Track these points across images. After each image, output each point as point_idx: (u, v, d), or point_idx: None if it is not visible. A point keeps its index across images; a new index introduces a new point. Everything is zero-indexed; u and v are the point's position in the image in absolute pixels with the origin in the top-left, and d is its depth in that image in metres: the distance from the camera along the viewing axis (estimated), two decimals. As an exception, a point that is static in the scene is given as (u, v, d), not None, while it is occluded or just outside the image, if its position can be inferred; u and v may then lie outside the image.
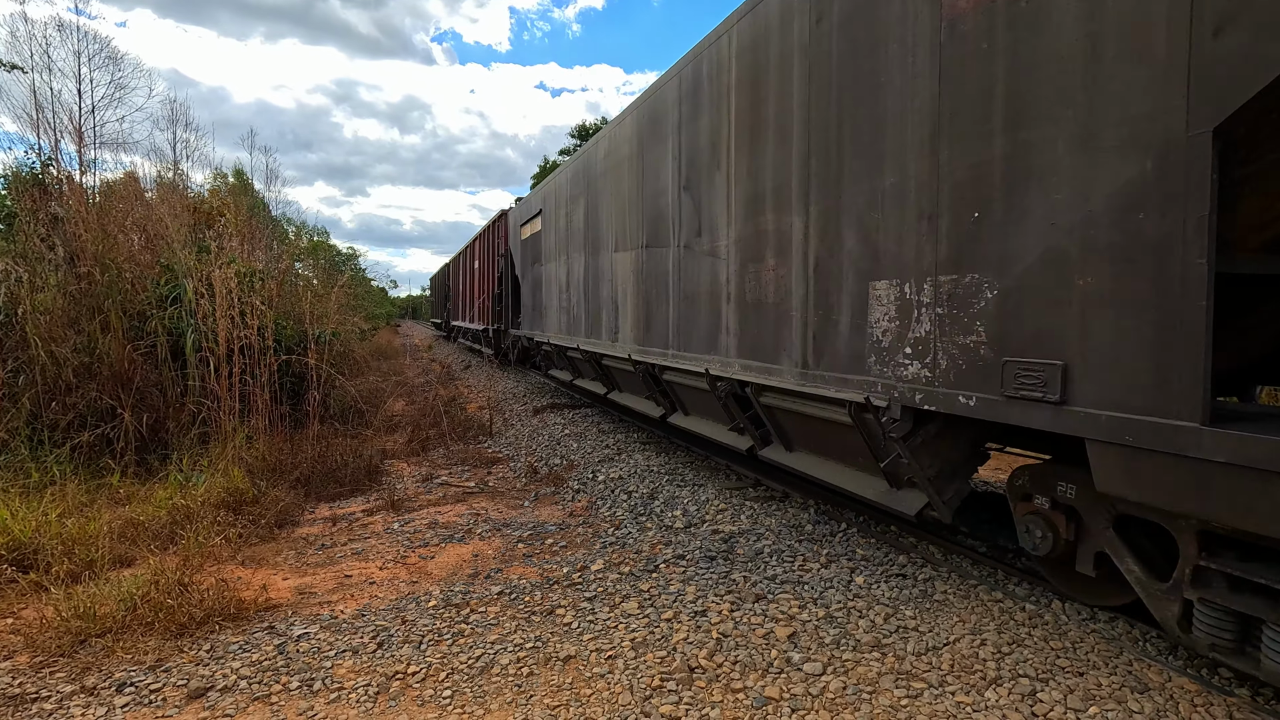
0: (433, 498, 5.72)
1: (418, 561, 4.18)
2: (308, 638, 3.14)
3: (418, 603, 3.51)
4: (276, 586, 3.81)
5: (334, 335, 8.51)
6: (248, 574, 3.98)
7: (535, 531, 4.69)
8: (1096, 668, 2.70)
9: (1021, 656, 2.80)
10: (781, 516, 4.70)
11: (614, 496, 5.46)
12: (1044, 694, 2.54)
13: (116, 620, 3.19)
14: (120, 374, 6.32)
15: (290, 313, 8.35)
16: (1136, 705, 2.45)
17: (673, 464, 6.38)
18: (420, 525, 4.89)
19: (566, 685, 2.70)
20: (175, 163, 19.42)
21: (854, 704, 2.52)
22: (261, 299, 7.18)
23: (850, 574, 3.69)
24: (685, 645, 2.97)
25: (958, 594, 3.41)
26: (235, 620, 3.32)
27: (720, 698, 2.59)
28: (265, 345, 6.95)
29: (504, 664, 2.87)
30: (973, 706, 2.49)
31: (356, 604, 3.55)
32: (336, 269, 21.25)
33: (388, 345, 21.65)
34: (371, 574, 3.99)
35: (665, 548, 4.22)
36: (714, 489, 5.41)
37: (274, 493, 5.32)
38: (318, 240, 27.98)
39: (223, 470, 5.43)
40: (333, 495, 5.83)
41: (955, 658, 2.82)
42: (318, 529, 4.92)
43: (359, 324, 12.35)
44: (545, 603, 3.46)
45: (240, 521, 4.70)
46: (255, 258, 9.49)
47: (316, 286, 10.51)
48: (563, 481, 6.09)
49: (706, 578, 3.70)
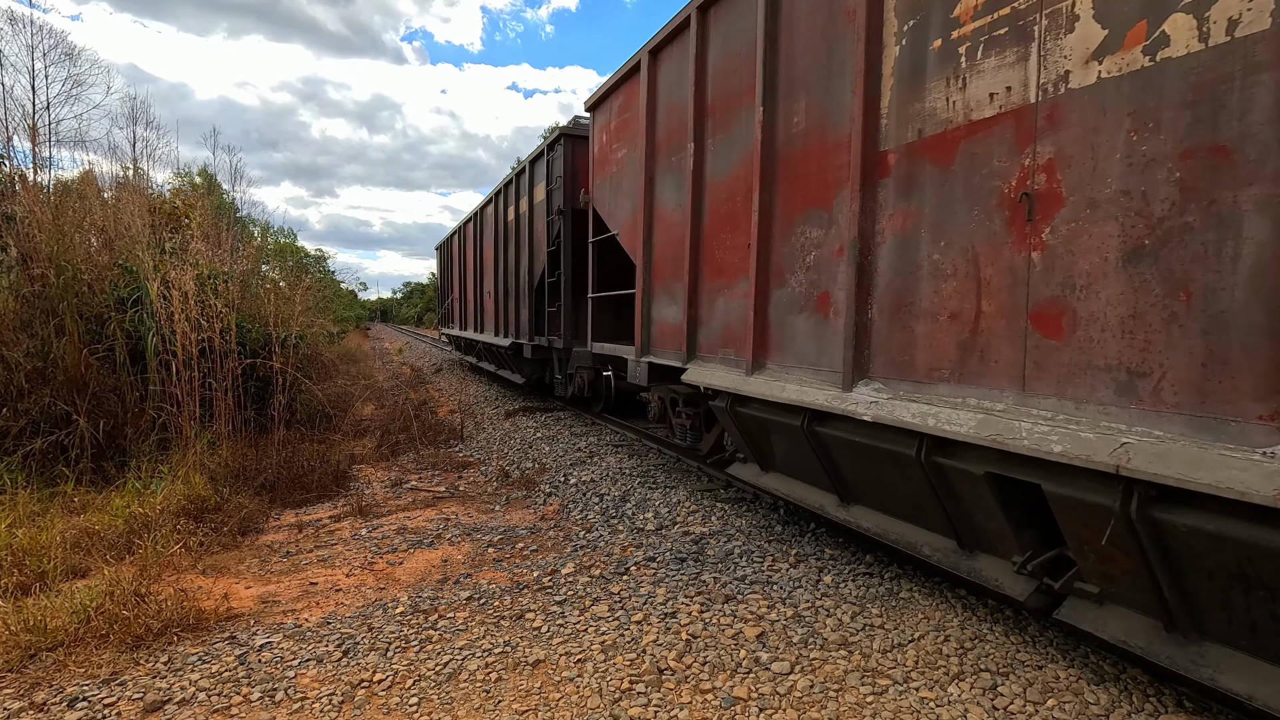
0: (402, 503, 5.65)
1: (385, 568, 4.12)
2: (270, 647, 3.07)
3: (385, 609, 3.46)
4: (238, 595, 3.72)
5: (300, 338, 8.36)
6: (208, 583, 3.88)
7: (506, 536, 4.66)
8: (1055, 660, 2.77)
9: (983, 652, 2.86)
10: (752, 517, 4.74)
11: (586, 499, 5.44)
12: (1004, 688, 2.60)
13: (69, 633, 3.09)
14: (76, 379, 6.12)
15: (255, 315, 8.18)
16: (1092, 696, 2.52)
17: (645, 466, 6.38)
18: (389, 531, 4.82)
19: (535, 690, 2.69)
20: (135, 161, 18.89)
21: (820, 702, 2.55)
22: (225, 301, 7.02)
23: (819, 573, 3.73)
24: (655, 647, 2.97)
25: (923, 591, 3.47)
26: (195, 631, 3.24)
27: (689, 699, 2.60)
28: (229, 348, 6.80)
29: (472, 670, 2.84)
30: (936, 702, 2.53)
31: (322, 612, 3.49)
32: (304, 271, 18.91)
33: (357, 348, 21.32)
34: (338, 581, 3.92)
35: (636, 550, 4.22)
36: (686, 491, 5.43)
37: (237, 499, 5.20)
38: (285, 242, 27.44)
39: (183, 477, 5.29)
40: (299, 501, 5.72)
41: (920, 654, 2.86)
42: (283, 536, 4.82)
43: (327, 327, 12.13)
44: (515, 607, 3.43)
45: (201, 529, 4.58)
46: (220, 259, 9.29)
47: (283, 289, 10.30)
48: (534, 485, 6.05)
49: (677, 579, 3.71)
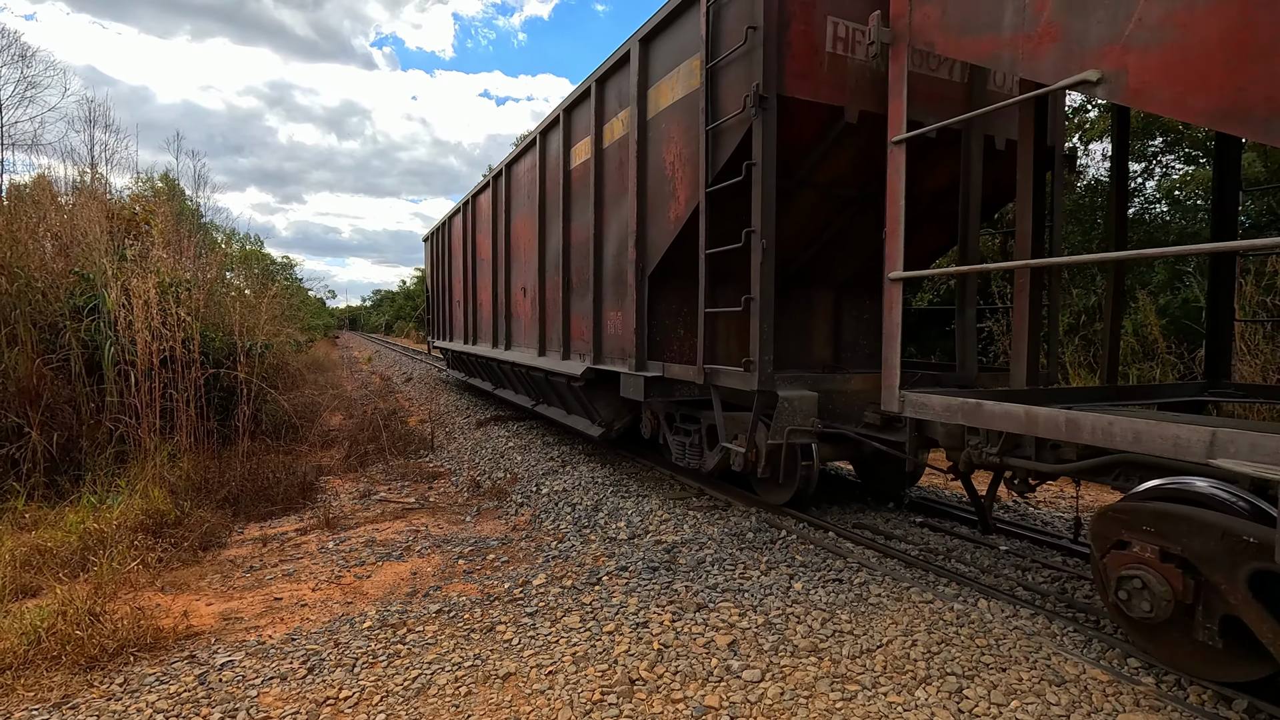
0: (370, 515, 5.56)
1: (353, 581, 4.05)
2: (232, 665, 2.99)
3: (352, 624, 3.40)
4: (199, 612, 3.62)
5: (266, 347, 8.19)
6: (167, 600, 3.77)
7: (477, 547, 4.61)
8: (1018, 663, 2.83)
9: (949, 655, 2.91)
10: (724, 525, 4.76)
11: (558, 509, 5.41)
12: (970, 690, 2.64)
13: (18, 655, 2.98)
14: (28, 390, 5.92)
15: (219, 324, 7.99)
16: (1054, 697, 2.57)
17: (618, 475, 6.37)
18: (357, 543, 4.74)
19: (506, 703, 2.66)
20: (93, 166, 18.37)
21: (791, 709, 2.57)
22: (187, 309, 6.86)
23: (789, 580, 3.76)
24: (626, 657, 2.96)
25: (891, 596, 3.51)
26: (152, 650, 3.14)
27: (661, 709, 2.59)
28: (191, 358, 6.64)
29: (441, 684, 2.80)
30: (904, 706, 2.57)
31: (286, 628, 3.41)
32: (270, 278, 17.95)
33: (325, 357, 20.96)
34: (303, 596, 3.84)
35: (609, 559, 4.21)
36: (658, 499, 5.44)
37: (199, 513, 5.06)
38: (251, 249, 26.86)
39: (142, 491, 5.14)
40: (263, 514, 5.59)
41: (888, 659, 2.90)
42: (246, 550, 4.70)
43: (294, 335, 11.90)
44: (485, 619, 3.40)
45: (161, 545, 4.46)
46: (182, 266, 9.06)
47: (249, 297, 10.08)
48: (506, 495, 6.01)
49: (649, 588, 3.70)
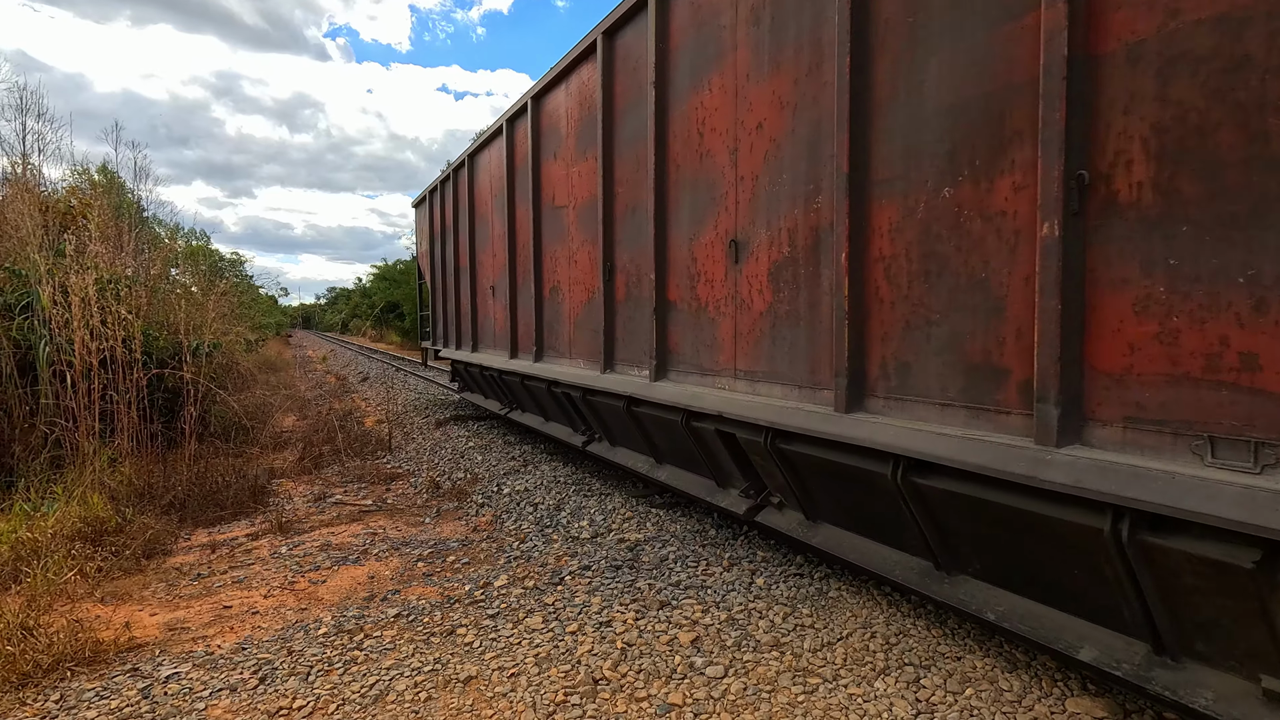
0: (326, 518, 5.41)
1: (307, 587, 3.93)
2: (178, 678, 2.87)
3: (306, 631, 3.30)
4: (142, 623, 3.47)
5: (214, 347, 7.90)
6: (108, 611, 3.60)
7: (436, 549, 4.53)
8: (973, 651, 2.90)
9: (907, 646, 2.97)
10: (687, 522, 4.77)
11: (520, 509, 5.36)
12: (926, 680, 2.70)
13: (-57, 673, 2.81)
14: (-47, 392, 5.59)
15: (163, 323, 7.67)
16: (1006, 684, 2.65)
17: (580, 474, 6.34)
18: (311, 548, 4.60)
19: (467, 707, 2.62)
20: (25, 156, 17.47)
21: (754, 704, 2.59)
22: (129, 307, 6.56)
23: (751, 576, 3.79)
24: (590, 657, 2.94)
25: (850, 590, 3.57)
26: (92, 664, 2.99)
27: (625, 708, 2.58)
28: (133, 358, 6.36)
29: (400, 690, 2.74)
30: (863, 697, 2.61)
31: (236, 636, 3.29)
32: (218, 275, 17.15)
33: (277, 357, 20.37)
34: (255, 603, 3.71)
35: (571, 559, 4.18)
36: (621, 497, 5.43)
37: (142, 520, 4.85)
38: (197, 245, 25.90)
39: (80, 497, 4.90)
40: (212, 520, 5.39)
41: (848, 651, 2.95)
42: (194, 557, 4.53)
43: (244, 334, 11.51)
44: (445, 623, 3.33)
45: (100, 554, 4.25)
46: (123, 262, 8.68)
47: (195, 294, 9.70)
48: (466, 496, 5.92)
49: (612, 587, 3.69)
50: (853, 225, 2.85)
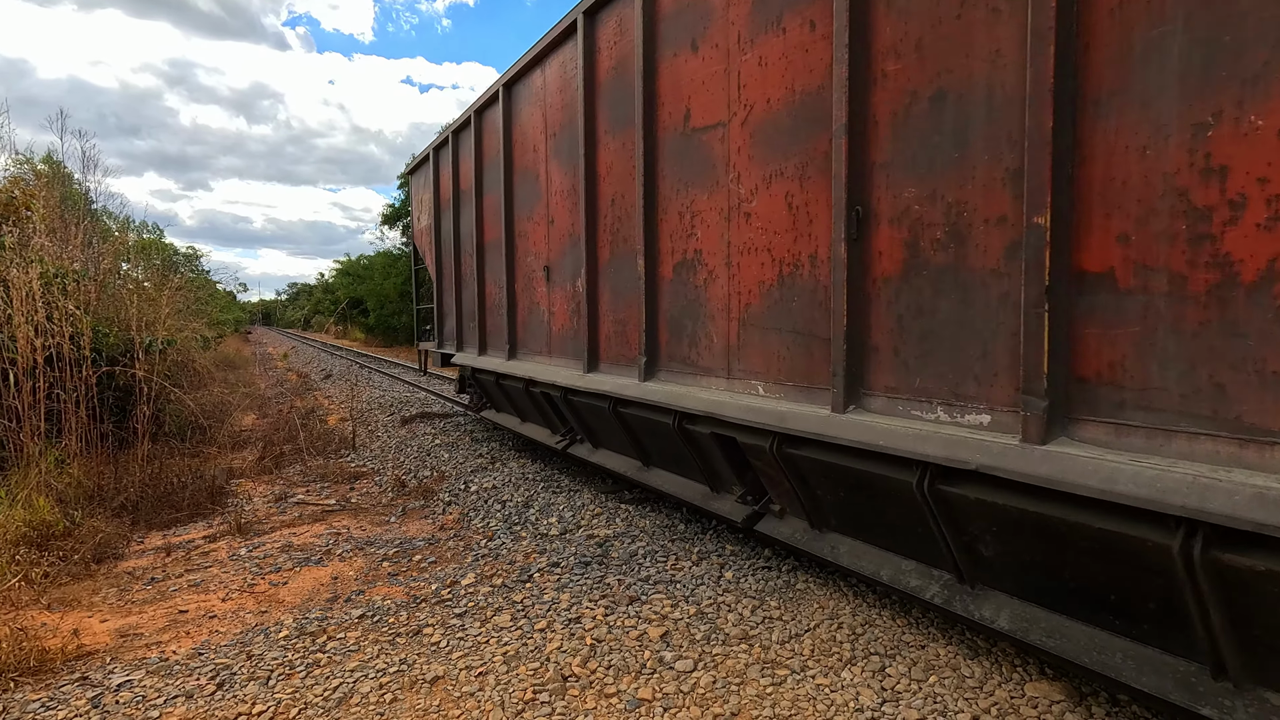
0: (287, 518, 5.28)
1: (268, 589, 3.83)
2: (130, 685, 2.77)
3: (266, 634, 3.21)
4: (92, 630, 3.34)
5: (169, 343, 7.64)
6: (55, 619, 3.46)
7: (402, 548, 4.45)
8: (936, 639, 2.96)
9: (873, 636, 3.01)
10: (656, 518, 4.78)
11: (487, 507, 5.30)
12: (892, 668, 2.75)
13: (-126, 688, 2.66)
14: (-115, 392, 5.30)
15: (114, 319, 7.39)
16: (968, 670, 2.71)
17: (549, 470, 6.30)
18: (272, 549, 4.49)
19: (434, 708, 2.58)
20: (-36, 145, 16.63)
21: (723, 697, 2.60)
22: (76, 303, 6.30)
23: (720, 570, 3.81)
24: (559, 654, 2.93)
25: (818, 582, 3.61)
26: (37, 674, 2.87)
27: (594, 705, 2.57)
28: (81, 355, 6.11)
29: (364, 692, 2.69)
30: (830, 687, 2.64)
31: (192, 642, 3.19)
32: (172, 270, 16.34)
33: (236, 354, 19.84)
34: (212, 607, 3.61)
35: (540, 556, 4.15)
36: (590, 494, 5.41)
37: (91, 523, 4.67)
38: (149, 238, 24.98)
39: (24, 500, 4.69)
40: (167, 522, 5.22)
41: (815, 643, 2.98)
42: (147, 561, 4.38)
43: (200, 331, 11.16)
44: (412, 623, 3.28)
45: (47, 558, 4.09)
46: (70, 255, 8.33)
47: (148, 289, 9.37)
48: (433, 494, 5.83)
49: (581, 584, 3.67)
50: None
